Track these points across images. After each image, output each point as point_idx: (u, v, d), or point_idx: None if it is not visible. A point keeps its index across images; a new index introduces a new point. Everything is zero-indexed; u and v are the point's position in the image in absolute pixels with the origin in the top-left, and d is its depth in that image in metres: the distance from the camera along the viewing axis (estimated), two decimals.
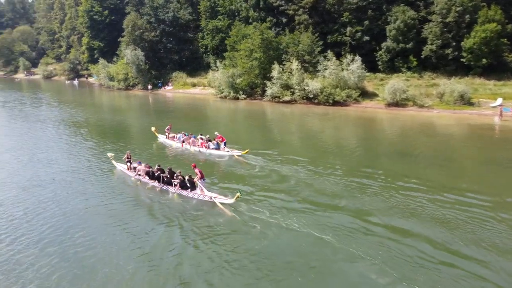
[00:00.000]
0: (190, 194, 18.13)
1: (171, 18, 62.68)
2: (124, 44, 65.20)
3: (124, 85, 65.52)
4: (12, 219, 16.53)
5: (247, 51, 47.75)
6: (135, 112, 47.50)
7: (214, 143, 25.66)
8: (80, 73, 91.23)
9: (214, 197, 17.19)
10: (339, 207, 16.49)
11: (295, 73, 43.87)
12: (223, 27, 57.57)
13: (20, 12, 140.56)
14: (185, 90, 59.66)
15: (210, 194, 17.52)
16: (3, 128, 37.63)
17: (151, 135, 30.35)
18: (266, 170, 21.32)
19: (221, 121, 40.27)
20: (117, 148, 27.10)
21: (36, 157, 26.15)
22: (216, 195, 17.39)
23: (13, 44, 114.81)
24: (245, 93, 49.38)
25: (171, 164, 21.13)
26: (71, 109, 49.56)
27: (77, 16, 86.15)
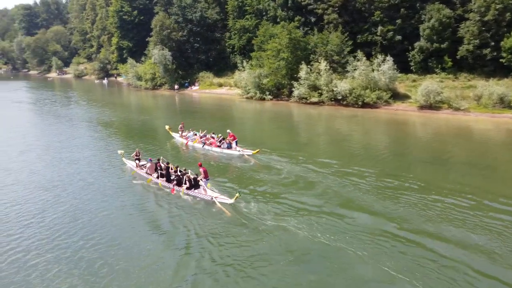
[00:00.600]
0: (194, 193, 18.31)
1: (199, 18, 62.48)
2: (152, 44, 65.46)
3: (151, 84, 65.86)
4: (25, 219, 16.39)
5: (274, 51, 46.86)
6: (161, 112, 47.37)
7: (227, 142, 25.63)
8: (109, 73, 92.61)
9: (215, 197, 17.38)
10: (369, 215, 15.43)
11: (323, 73, 42.68)
12: (251, 26, 56.87)
13: (55, 13, 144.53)
14: (211, 90, 59.32)
15: (211, 194, 17.73)
16: (30, 127, 38.12)
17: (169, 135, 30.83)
18: (292, 174, 20.49)
19: (246, 122, 39.56)
20: (139, 148, 26.14)
21: (59, 156, 26.26)
22: (217, 195, 17.55)
23: (47, 44, 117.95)
24: (272, 94, 48.53)
25: (182, 163, 21.46)
26: (98, 108, 50.07)
27: (108, 16, 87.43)
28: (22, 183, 20.96)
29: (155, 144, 29.56)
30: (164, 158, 21.63)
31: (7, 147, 29.75)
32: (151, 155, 23.99)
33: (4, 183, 21.09)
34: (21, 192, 19.53)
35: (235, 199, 16.40)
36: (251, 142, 27.57)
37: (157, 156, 22.48)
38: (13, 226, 15.77)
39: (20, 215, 16.81)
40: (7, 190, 19.99)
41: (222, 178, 20.64)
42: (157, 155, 23.43)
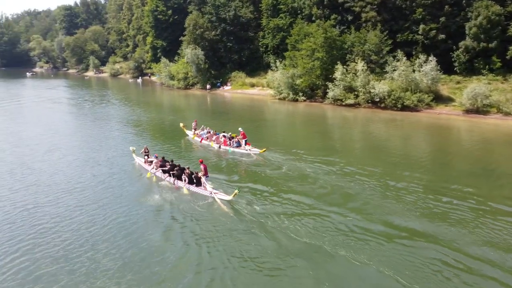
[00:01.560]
0: (195, 189, 18.74)
1: (232, 17, 61.58)
2: (185, 43, 65.15)
3: (183, 84, 65.57)
4: (38, 221, 16.09)
5: (308, 51, 45.23)
6: (192, 112, 46.66)
7: (236, 141, 26.01)
8: (143, 72, 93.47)
9: (215, 192, 17.81)
10: (411, 234, 13.76)
11: (360, 74, 40.70)
12: (285, 25, 55.40)
13: (94, 13, 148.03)
14: (243, 90, 58.28)
15: (210, 190, 18.12)
16: (61, 126, 38.10)
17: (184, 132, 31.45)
18: (328, 184, 18.98)
19: (278, 124, 38.18)
20: (163, 149, 26.92)
21: (83, 157, 25.85)
22: (216, 191, 17.95)
23: (85, 44, 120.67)
24: (305, 95, 46.92)
25: (191, 160, 22.32)
26: (129, 107, 50.17)
27: (143, 16, 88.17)
28: (42, 184, 20.55)
29: (179, 145, 29.36)
30: (165, 157, 22.13)
31: (35, 145, 29.75)
32: (174, 156, 23.87)
33: (25, 183, 20.74)
34: (39, 194, 19.08)
35: (233, 195, 16.62)
36: (283, 145, 26.86)
37: (163, 154, 23.00)
38: (23, 227, 15.63)
39: (33, 217, 16.47)
40: (26, 191, 19.54)
41: (226, 176, 20.96)
42: (177, 155, 25.17)
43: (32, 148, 28.78)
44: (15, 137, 33.02)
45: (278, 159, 23.29)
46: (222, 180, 20.18)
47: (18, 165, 24.16)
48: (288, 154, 24.25)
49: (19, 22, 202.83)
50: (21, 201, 18.16)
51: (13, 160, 25.56)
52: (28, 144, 30.09)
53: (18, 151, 28.02)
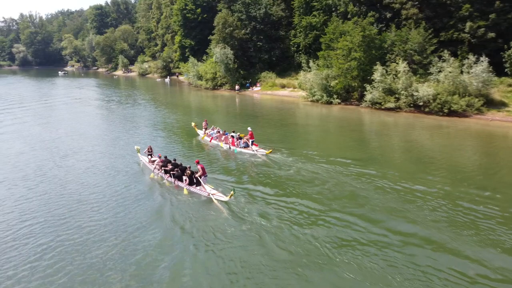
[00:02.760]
0: (195, 190, 18.78)
1: (263, 15, 59.33)
2: (214, 42, 63.44)
3: (211, 84, 63.73)
4: None
5: (345, 50, 42.41)
6: (219, 114, 44.58)
7: (244, 141, 26.13)
8: (171, 71, 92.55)
9: (212, 193, 17.81)
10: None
11: (401, 75, 37.65)
12: (318, 24, 52.66)
13: (124, 12, 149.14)
14: (273, 91, 55.92)
15: (209, 190, 18.14)
16: (84, 127, 36.76)
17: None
18: (345, 190, 17.57)
19: (310, 128, 35.60)
20: (174, 149, 27.46)
21: (99, 163, 24.33)
22: (214, 191, 17.99)
23: (114, 43, 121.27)
24: (340, 97, 44.12)
25: (200, 159, 21.67)
26: (156, 108, 48.86)
27: (172, 15, 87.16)
28: (52, 193, 19.15)
29: (189, 145, 29.37)
30: (168, 157, 22.13)
31: (54, 148, 28.55)
32: (182, 156, 24.92)
33: (35, 192, 19.34)
34: (49, 199, 18.22)
35: (230, 196, 16.72)
36: (316, 151, 25.32)
37: (173, 154, 23.80)
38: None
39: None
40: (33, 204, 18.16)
41: (230, 177, 21.01)
42: (185, 154, 25.77)
43: (51, 151, 27.55)
44: (36, 139, 31.88)
45: (300, 164, 22.44)
46: (225, 181, 20.21)
47: (33, 170, 23.06)
48: (318, 160, 23.14)
49: (52, 22, 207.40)
50: (29, 207, 17.66)
51: (30, 163, 24.42)
52: (48, 147, 28.90)
53: (36, 154, 26.80)
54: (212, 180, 20.18)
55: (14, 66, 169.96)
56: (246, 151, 25.70)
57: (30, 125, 38.06)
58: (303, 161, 23.09)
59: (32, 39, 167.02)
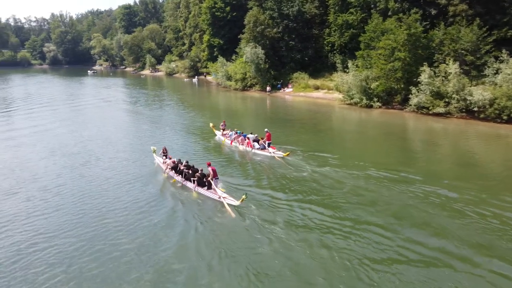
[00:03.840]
0: (205, 193, 18.37)
1: (296, 13, 56.51)
2: (244, 41, 61.09)
3: (241, 85, 61.20)
4: None
5: (387, 50, 39.15)
6: (248, 117, 42.00)
7: (261, 143, 25.59)
8: (199, 71, 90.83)
9: (223, 197, 17.33)
10: None
11: (452, 78, 34.22)
12: (355, 21, 49.51)
13: (151, 11, 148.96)
14: (306, 93, 52.99)
15: (220, 194, 17.63)
16: (106, 131, 34.90)
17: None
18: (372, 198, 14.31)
19: (348, 134, 32.77)
20: (193, 152, 26.93)
21: (121, 171, 22.50)
22: (225, 195, 17.49)
23: (142, 42, 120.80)
24: (381, 101, 40.89)
25: (212, 161, 21.52)
26: (183, 110, 47.12)
27: (200, 13, 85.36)
28: (70, 207, 17.09)
29: (208, 146, 28.79)
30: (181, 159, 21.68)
31: (77, 153, 26.83)
32: (199, 157, 24.93)
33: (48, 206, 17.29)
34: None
35: (241, 201, 16.24)
36: (353, 159, 23.55)
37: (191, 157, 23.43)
38: None
39: None
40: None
41: (244, 180, 20.53)
42: (203, 156, 25.23)
43: (73, 157, 25.80)
44: (60, 143, 30.22)
45: (335, 173, 20.89)
46: (239, 184, 19.64)
47: (52, 179, 21.41)
48: (352, 167, 21.72)
49: (82, 21, 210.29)
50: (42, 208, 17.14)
51: (49, 171, 22.73)
52: (70, 152, 27.17)
53: (57, 160, 25.03)
54: (226, 183, 19.54)
55: (44, 65, 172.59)
56: (263, 153, 25.12)
57: (55, 128, 36.58)
58: (336, 169, 21.47)
59: (62, 38, 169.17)
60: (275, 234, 14.26)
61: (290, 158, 23.71)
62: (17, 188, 20.15)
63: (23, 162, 25.00)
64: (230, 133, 28.56)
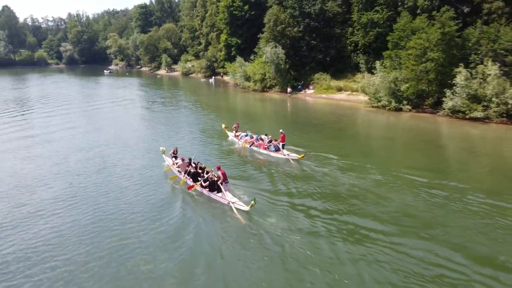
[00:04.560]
0: (215, 196, 17.98)
1: (318, 11, 54.46)
2: (264, 41, 59.28)
3: (260, 86, 59.26)
4: None
5: (419, 50, 36.88)
6: (269, 120, 39.95)
7: (274, 144, 25.07)
8: (215, 71, 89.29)
9: (233, 202, 16.87)
10: None
11: (491, 80, 31.87)
12: (381, 20, 47.18)
13: (167, 11, 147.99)
14: (328, 95, 50.89)
15: (229, 199, 17.17)
16: (122, 135, 33.37)
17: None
18: None
19: (376, 141, 30.74)
20: (215, 158, 25.80)
21: (136, 180, 20.93)
22: (235, 199, 17.05)
23: (158, 42, 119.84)
24: (411, 104, 38.61)
25: (224, 163, 21.90)
26: (200, 112, 45.78)
27: (217, 13, 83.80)
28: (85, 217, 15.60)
29: (221, 149, 28.36)
30: (195, 158, 21.72)
31: (91, 159, 25.37)
32: (212, 160, 24.43)
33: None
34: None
35: (250, 206, 15.83)
36: (383, 166, 22.41)
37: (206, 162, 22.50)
38: None
39: None
40: None
41: (261, 184, 19.91)
42: (216, 159, 24.78)
43: (87, 164, 24.38)
44: (74, 148, 28.91)
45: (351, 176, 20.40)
46: (250, 187, 19.18)
47: (63, 189, 19.97)
48: (382, 174, 20.72)
49: (98, 21, 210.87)
50: None
51: (61, 179, 21.26)
52: (85, 158, 25.74)
53: (71, 167, 23.49)
54: (237, 186, 19.20)
55: (61, 64, 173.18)
56: (277, 155, 24.58)
57: (70, 131, 35.31)
58: (362, 176, 20.46)
59: (78, 38, 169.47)
60: (288, 243, 13.67)
61: (309, 163, 22.88)
62: (29, 195, 19.24)
63: (35, 168, 23.92)
64: (242, 134, 28.16)
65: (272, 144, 25.26)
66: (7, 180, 21.64)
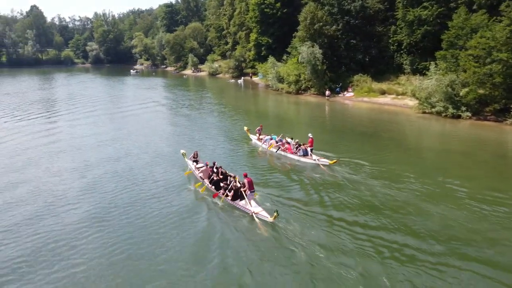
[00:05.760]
0: (239, 205, 17.07)
1: (358, 8, 50.72)
2: (297, 40, 55.82)
3: (294, 88, 55.75)
4: None
5: (483, 50, 32.82)
6: (306, 127, 36.06)
7: (303, 148, 23.93)
8: (243, 72, 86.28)
9: (256, 212, 16.08)
10: None
11: None
12: (430, 17, 43.09)
13: (193, 10, 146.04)
14: (370, 98, 47.06)
15: (253, 208, 16.33)
16: (149, 144, 30.49)
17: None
18: None
19: (430, 152, 26.96)
20: (243, 163, 24.68)
21: (148, 188, 18.31)
22: (259, 209, 16.24)
23: (184, 41, 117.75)
24: (471, 110, 34.59)
25: (248, 168, 21.31)
26: (230, 115, 43.20)
27: (247, 11, 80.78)
28: None
29: (245, 153, 27.18)
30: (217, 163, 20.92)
31: (111, 174, 22.54)
32: (235, 165, 23.56)
33: None
34: None
35: (274, 218, 15.08)
36: (430, 179, 19.98)
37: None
38: None
39: None
40: None
41: (289, 192, 18.84)
42: (239, 164, 23.85)
43: (107, 180, 21.61)
44: (96, 156, 26.68)
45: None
46: (277, 195, 18.29)
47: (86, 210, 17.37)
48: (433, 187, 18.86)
49: (124, 20, 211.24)
50: None
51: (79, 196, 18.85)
52: (105, 171, 23.18)
53: (89, 182, 20.87)
54: (262, 193, 18.43)
55: (87, 63, 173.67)
56: (305, 160, 23.45)
57: (92, 137, 32.98)
58: (402, 186, 18.91)
59: (104, 37, 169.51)
60: (316, 260, 12.83)
61: (341, 169, 21.64)
62: (48, 204, 18.40)
63: (61, 173, 23.00)
64: (266, 138, 27.24)
65: (300, 148, 24.09)
66: (25, 201, 19.34)
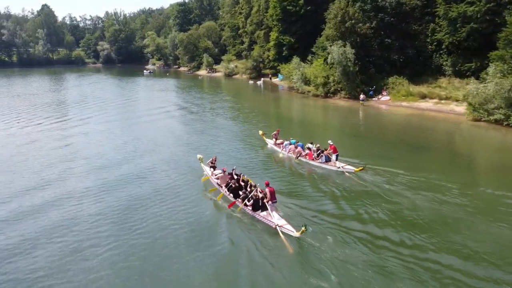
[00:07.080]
0: (259, 217, 16.14)
1: (394, 5, 46.67)
2: (324, 39, 51.91)
3: (323, 91, 51.73)
4: None
5: None
6: (339, 137, 32.55)
7: (325, 154, 22.68)
8: (262, 72, 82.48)
9: (280, 225, 14.94)
10: None
11: None
12: (477, 13, 38.96)
13: (206, 9, 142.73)
14: (410, 103, 42.87)
15: (276, 221, 15.22)
16: (163, 155, 27.12)
17: None
18: None
19: (483, 171, 23.08)
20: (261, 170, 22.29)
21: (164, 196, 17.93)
22: (283, 222, 15.15)
23: (198, 40, 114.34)
24: None
25: (265, 175, 20.64)
26: (254, 122, 39.00)
27: (266, 9, 76.93)
28: None
29: (262, 159, 25.88)
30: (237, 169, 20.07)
31: (120, 189, 19.57)
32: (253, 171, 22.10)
33: None
34: None
35: (301, 233, 13.93)
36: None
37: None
38: None
39: None
40: None
41: (314, 203, 17.56)
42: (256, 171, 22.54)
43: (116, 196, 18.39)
44: (105, 164, 24.76)
45: None
46: (300, 206, 17.13)
47: None
48: None
49: (135, 19, 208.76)
50: None
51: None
52: (114, 185, 20.26)
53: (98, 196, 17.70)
54: (283, 203, 17.36)
55: (98, 63, 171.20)
56: (328, 167, 22.27)
57: (101, 145, 30.54)
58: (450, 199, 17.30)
59: (116, 36, 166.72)
60: (348, 282, 11.75)
61: (369, 177, 20.17)
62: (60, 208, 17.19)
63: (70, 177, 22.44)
64: (285, 142, 26.16)
65: (323, 155, 22.81)
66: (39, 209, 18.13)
